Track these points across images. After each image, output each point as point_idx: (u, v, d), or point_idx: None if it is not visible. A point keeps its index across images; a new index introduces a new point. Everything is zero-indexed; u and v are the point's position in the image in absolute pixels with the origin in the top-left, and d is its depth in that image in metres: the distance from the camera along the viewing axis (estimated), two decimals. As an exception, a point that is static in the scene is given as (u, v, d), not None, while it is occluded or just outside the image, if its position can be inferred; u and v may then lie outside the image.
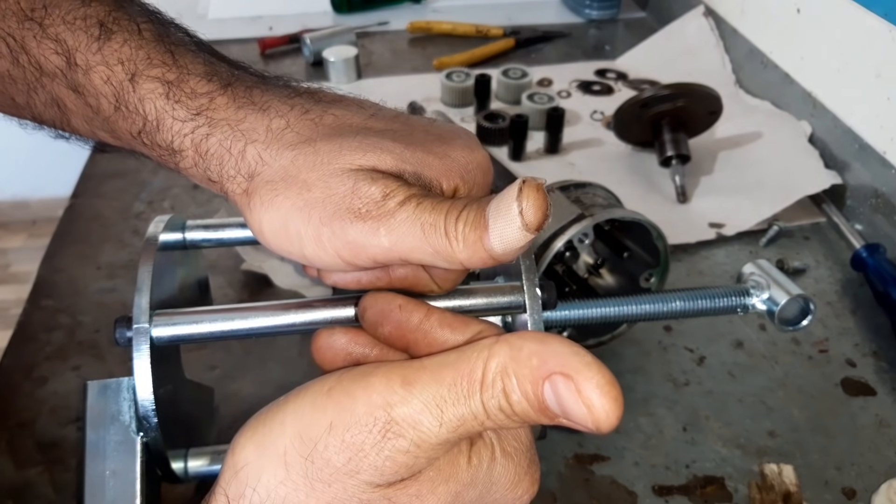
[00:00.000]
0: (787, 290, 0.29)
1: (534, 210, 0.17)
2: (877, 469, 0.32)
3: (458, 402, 0.17)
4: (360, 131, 0.21)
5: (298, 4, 0.77)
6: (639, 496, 0.31)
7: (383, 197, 0.19)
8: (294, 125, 0.20)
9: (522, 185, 0.18)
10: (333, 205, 0.19)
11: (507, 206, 0.18)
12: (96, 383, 0.24)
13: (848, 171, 0.48)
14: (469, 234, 0.18)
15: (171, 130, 0.21)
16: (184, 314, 0.24)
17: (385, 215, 0.19)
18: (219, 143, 0.20)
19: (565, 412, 0.16)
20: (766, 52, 0.58)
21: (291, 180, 0.20)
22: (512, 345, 0.17)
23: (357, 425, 0.17)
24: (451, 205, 0.19)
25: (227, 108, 0.21)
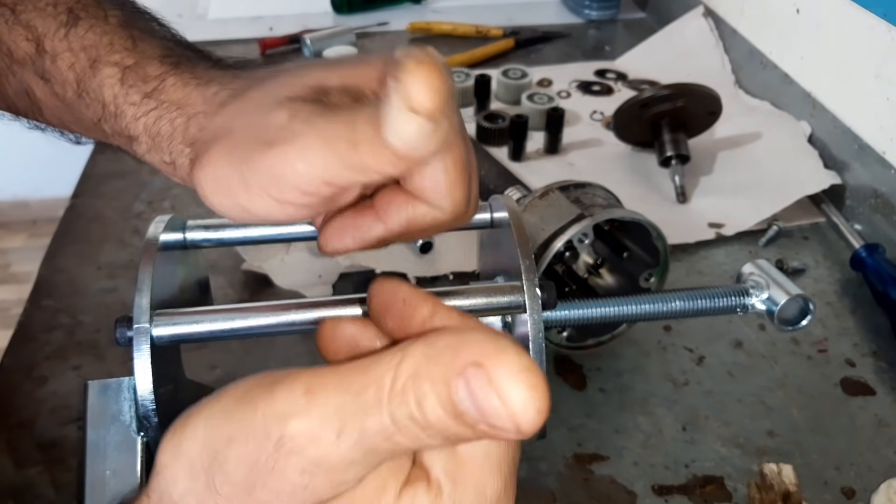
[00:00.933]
0: (786, 289, 0.29)
1: (419, 86, 0.14)
2: (876, 469, 0.32)
3: (362, 413, 0.14)
4: (288, 70, 0.20)
5: (299, 5, 0.77)
6: (638, 496, 0.31)
7: (289, 118, 0.17)
8: (228, 86, 0.20)
9: (405, 57, 0.14)
10: (249, 141, 0.18)
11: (393, 90, 0.14)
12: (97, 383, 0.24)
13: (847, 171, 0.48)
14: (367, 131, 0.16)
15: (125, 116, 0.21)
16: (184, 314, 0.24)
17: (292, 136, 0.17)
18: (168, 124, 0.20)
19: (481, 411, 0.13)
20: (765, 53, 0.58)
21: (221, 132, 0.19)
22: (428, 342, 0.14)
23: (253, 440, 0.14)
24: (355, 108, 0.17)
25: (175, 88, 0.20)
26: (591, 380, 0.36)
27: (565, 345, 0.36)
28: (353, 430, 0.14)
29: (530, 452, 0.33)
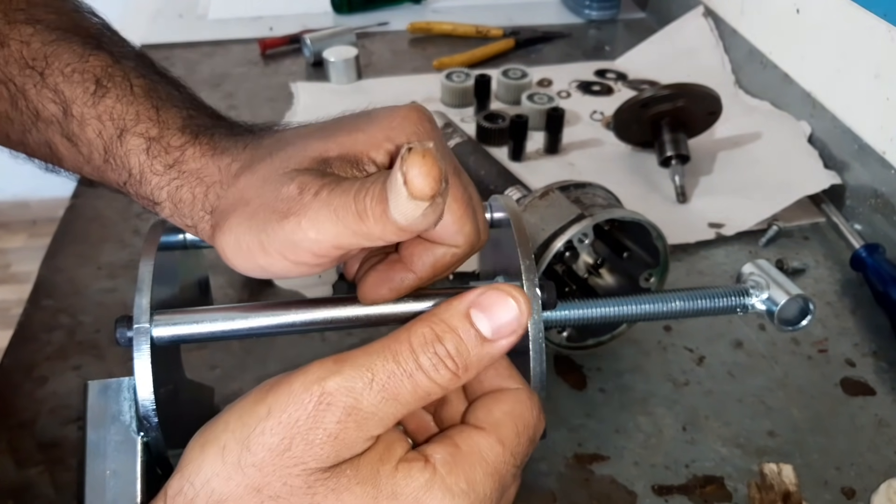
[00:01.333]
0: (786, 290, 0.29)
1: (420, 179, 0.17)
2: (876, 469, 0.32)
3: (388, 360, 0.18)
4: (291, 142, 0.22)
5: (299, 5, 0.77)
6: (638, 496, 0.31)
7: (300, 192, 0.20)
8: (239, 157, 0.22)
9: (406, 152, 0.17)
10: (265, 211, 0.20)
11: (395, 177, 0.17)
12: (97, 383, 0.25)
13: (847, 171, 0.48)
14: (375, 209, 0.18)
15: (150, 184, 0.23)
16: (184, 314, 0.24)
17: (303, 208, 0.20)
18: (189, 192, 0.22)
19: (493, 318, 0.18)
20: (765, 53, 0.58)
21: (238, 202, 0.21)
22: (430, 315, 0.19)
23: (293, 404, 0.18)
24: (360, 183, 0.19)
25: (194, 158, 0.22)
26: (592, 380, 0.36)
27: (565, 345, 0.36)
28: (382, 374, 0.18)
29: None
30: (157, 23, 0.75)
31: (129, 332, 0.24)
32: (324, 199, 0.19)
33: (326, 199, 0.19)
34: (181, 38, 0.72)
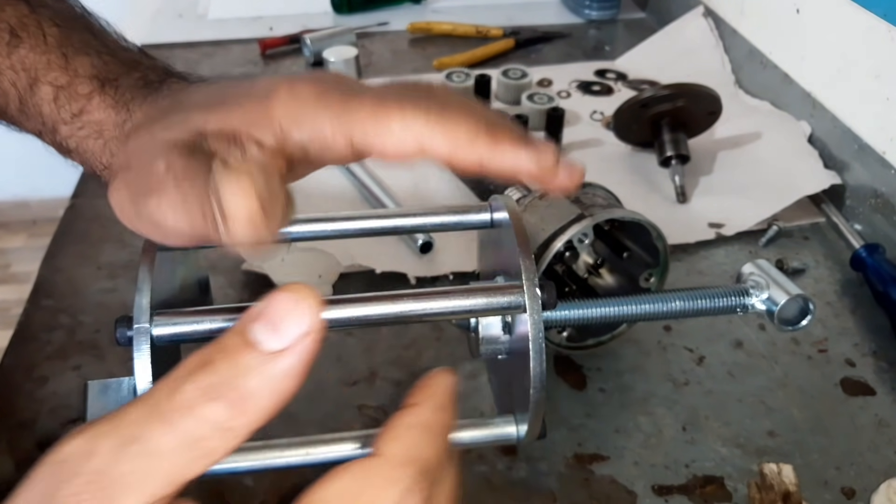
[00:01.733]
0: (786, 289, 0.29)
1: (232, 203, 0.16)
2: (876, 469, 0.32)
3: (140, 404, 0.15)
4: (178, 109, 0.21)
5: (299, 5, 0.77)
6: (638, 496, 0.31)
7: (165, 170, 0.18)
8: (133, 116, 0.22)
9: (217, 169, 0.16)
10: (137, 182, 0.19)
11: (210, 196, 0.16)
12: (97, 383, 0.25)
13: (847, 171, 0.48)
14: (208, 215, 0.17)
15: (60, 133, 0.23)
16: (184, 314, 0.24)
17: (164, 190, 0.18)
18: (92, 143, 0.22)
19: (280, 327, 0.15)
20: (765, 53, 0.58)
21: (123, 166, 0.21)
22: None
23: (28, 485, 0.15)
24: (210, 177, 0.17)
25: (100, 109, 0.22)
26: (592, 380, 0.36)
27: (565, 345, 0.36)
28: (129, 425, 0.14)
29: (530, 452, 0.33)
30: (157, 23, 0.75)
31: (129, 331, 0.23)
32: (181, 187, 0.18)
33: (183, 188, 0.18)
34: (181, 38, 0.72)
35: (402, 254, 0.44)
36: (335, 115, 0.19)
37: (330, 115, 0.19)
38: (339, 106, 0.19)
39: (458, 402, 0.38)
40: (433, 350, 0.38)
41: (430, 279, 0.42)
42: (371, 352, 0.38)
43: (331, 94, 0.20)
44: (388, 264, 0.42)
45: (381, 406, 0.35)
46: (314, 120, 0.19)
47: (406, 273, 0.42)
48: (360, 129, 0.19)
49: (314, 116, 0.20)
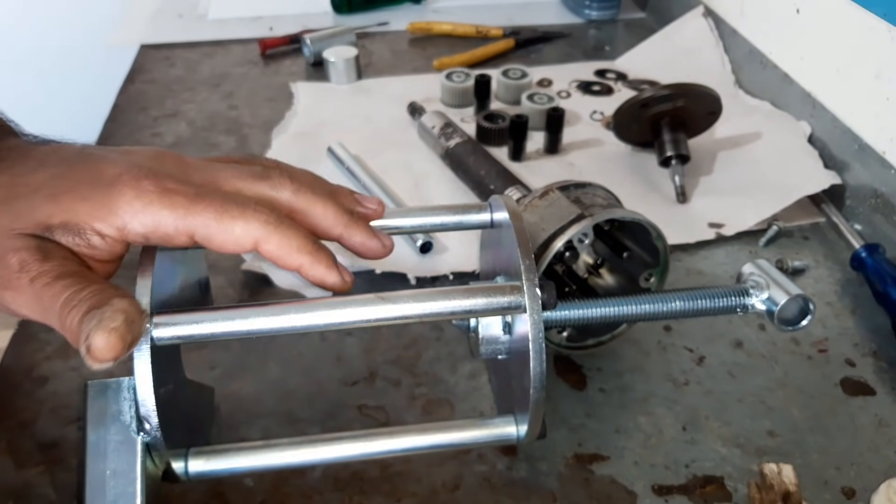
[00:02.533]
0: (786, 289, 0.29)
1: (94, 351, 0.19)
2: (876, 469, 0.32)
3: None
4: (20, 193, 0.22)
5: (299, 5, 0.77)
6: (638, 496, 0.31)
7: (19, 269, 0.21)
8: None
9: (88, 322, 0.19)
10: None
11: (83, 333, 0.19)
12: (97, 383, 0.25)
13: (847, 171, 0.48)
14: (70, 329, 0.20)
15: None
16: (184, 314, 0.24)
17: (19, 289, 0.21)
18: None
19: None
20: (765, 53, 0.58)
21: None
22: None
23: None
24: (70, 294, 0.20)
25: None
26: (592, 380, 0.36)
27: (565, 345, 0.36)
28: None
29: (531, 452, 0.33)
30: (158, 23, 0.75)
31: None
32: (37, 290, 0.21)
33: (39, 291, 0.21)
34: (181, 39, 0.72)
35: (402, 254, 0.44)
36: (180, 216, 0.22)
37: (174, 216, 0.22)
38: (183, 209, 0.22)
39: (458, 403, 0.38)
40: (433, 350, 0.38)
41: (431, 279, 0.42)
42: (371, 352, 0.38)
43: (175, 196, 0.22)
44: (388, 264, 0.42)
45: (381, 406, 0.35)
46: (157, 218, 0.22)
47: (406, 273, 0.42)
48: (204, 230, 0.22)
49: (158, 215, 0.22)
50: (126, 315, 0.20)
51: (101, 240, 0.22)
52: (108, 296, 0.20)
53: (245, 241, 0.22)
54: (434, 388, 0.36)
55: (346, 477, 0.31)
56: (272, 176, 0.24)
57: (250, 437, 0.33)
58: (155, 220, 0.22)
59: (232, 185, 0.24)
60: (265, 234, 0.22)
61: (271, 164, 0.25)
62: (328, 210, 0.24)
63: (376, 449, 0.27)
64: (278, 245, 0.22)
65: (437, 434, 0.28)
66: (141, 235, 0.22)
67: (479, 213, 0.29)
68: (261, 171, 0.24)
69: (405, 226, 0.29)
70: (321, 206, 0.24)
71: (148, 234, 0.22)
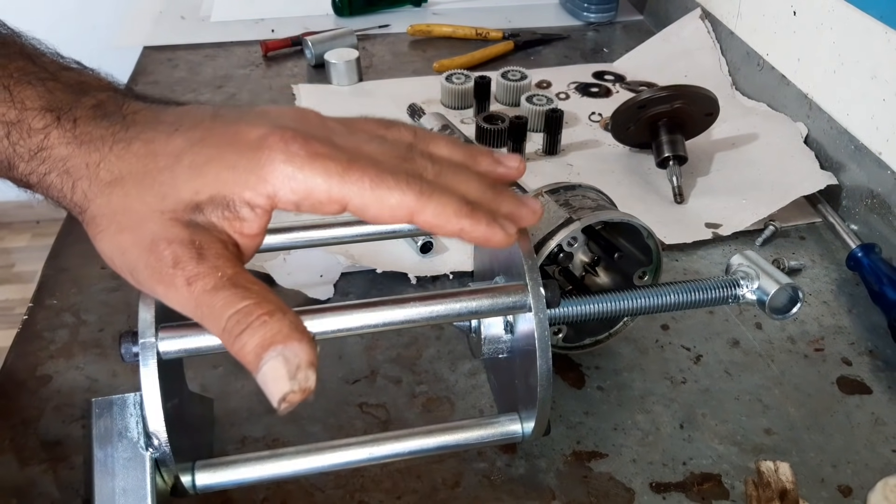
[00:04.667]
0: (776, 279, 0.30)
1: (287, 406, 0.19)
2: (872, 467, 0.32)
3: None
4: (161, 165, 0.21)
5: (300, 7, 0.78)
6: (636, 493, 0.31)
7: (173, 265, 0.20)
8: (106, 159, 0.22)
9: (294, 372, 0.19)
10: (138, 255, 0.21)
11: (272, 380, 0.19)
12: (101, 400, 0.24)
13: (843, 171, 0.48)
14: (244, 354, 0.19)
15: (18, 169, 0.22)
16: (190, 327, 0.24)
17: (176, 287, 0.20)
18: (56, 179, 0.22)
19: None
20: (762, 55, 0.58)
21: (109, 220, 0.21)
22: None
23: None
24: (235, 313, 0.20)
25: (59, 144, 0.22)
26: (590, 378, 0.37)
27: (562, 345, 0.37)
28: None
29: (529, 450, 0.33)
30: (160, 25, 0.76)
31: (135, 347, 0.23)
32: (195, 295, 0.20)
33: (198, 297, 0.20)
34: (184, 41, 0.72)
35: (403, 253, 0.44)
36: (334, 183, 0.20)
37: (328, 183, 0.20)
38: (337, 175, 0.20)
39: (458, 400, 0.38)
40: (433, 349, 0.38)
41: (431, 279, 0.43)
42: (372, 350, 0.38)
43: (327, 161, 0.21)
44: (389, 264, 0.43)
45: (382, 404, 0.35)
46: (310, 184, 0.20)
47: (407, 273, 0.42)
48: (359, 200, 0.21)
49: (311, 181, 0.20)
50: (315, 369, 0.19)
51: (250, 211, 0.21)
52: (280, 329, 0.19)
53: (400, 212, 0.21)
54: (434, 385, 0.36)
55: (347, 474, 0.31)
56: (415, 159, 0.22)
57: (252, 436, 0.33)
58: (308, 186, 0.20)
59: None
60: (420, 205, 0.21)
61: (408, 137, 0.23)
62: (471, 189, 0.22)
63: (383, 453, 0.27)
64: (435, 214, 0.21)
65: (442, 435, 0.28)
66: (292, 203, 0.21)
67: None
68: (405, 152, 0.22)
69: (403, 229, 0.29)
70: (464, 187, 0.22)
71: (299, 202, 0.21)
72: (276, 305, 0.20)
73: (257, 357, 0.19)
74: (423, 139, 0.24)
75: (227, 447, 0.33)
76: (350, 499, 0.31)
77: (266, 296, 0.20)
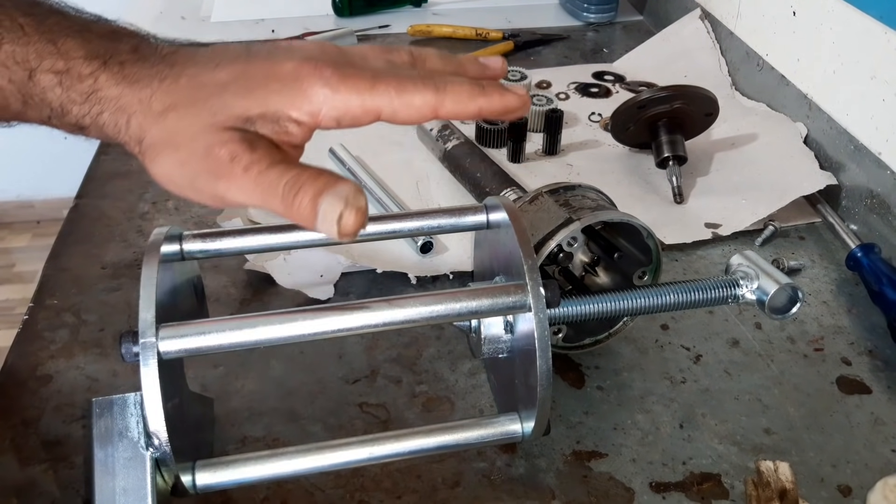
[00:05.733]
0: (775, 279, 0.30)
1: (347, 227, 0.21)
2: (872, 466, 0.32)
3: None
4: (210, 92, 0.24)
5: (300, 7, 0.78)
6: (636, 493, 0.31)
7: (230, 160, 0.22)
8: (157, 94, 0.24)
9: (346, 199, 0.21)
10: (196, 164, 0.23)
11: (330, 212, 0.21)
12: (101, 400, 0.24)
13: (843, 171, 0.48)
14: (301, 209, 0.22)
15: (72, 113, 0.24)
16: (190, 326, 0.24)
17: (234, 178, 0.22)
18: (110, 117, 0.24)
19: None
20: (761, 55, 0.58)
21: (165, 143, 0.24)
22: None
23: None
24: (291, 178, 0.22)
25: (109, 85, 0.24)
26: (590, 378, 0.37)
27: (562, 345, 0.37)
28: None
29: (529, 449, 0.33)
30: (160, 25, 0.76)
31: (136, 347, 0.23)
32: (253, 177, 0.22)
33: (255, 178, 0.22)
34: (184, 41, 0.72)
35: (403, 253, 0.44)
36: (366, 98, 0.23)
37: (361, 98, 0.23)
38: (367, 91, 0.23)
39: (458, 400, 0.38)
40: (433, 348, 0.38)
41: (431, 279, 0.43)
42: (372, 350, 0.38)
43: (356, 80, 0.23)
44: (389, 264, 0.43)
45: (383, 404, 0.35)
46: (347, 102, 0.23)
47: (407, 273, 0.42)
48: (389, 107, 0.23)
49: (347, 99, 0.23)
50: (364, 196, 0.22)
51: (297, 126, 0.23)
52: (329, 179, 0.22)
53: (425, 109, 0.24)
54: (434, 385, 0.36)
55: (348, 473, 0.32)
56: (418, 69, 0.25)
57: (253, 435, 0.33)
58: (345, 103, 0.23)
59: None
60: (440, 98, 0.24)
61: (408, 56, 0.26)
62: (474, 90, 0.25)
63: (382, 453, 0.27)
64: (454, 101, 0.24)
65: (442, 435, 0.28)
66: (333, 119, 0.23)
67: (474, 215, 0.30)
68: (410, 67, 0.26)
69: (403, 229, 0.29)
70: (468, 87, 0.25)
71: (339, 118, 0.23)
72: (323, 170, 0.22)
73: (314, 206, 0.21)
74: (420, 56, 0.26)
75: (228, 447, 0.33)
76: (350, 499, 0.31)
77: (313, 167, 0.23)
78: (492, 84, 0.25)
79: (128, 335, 0.24)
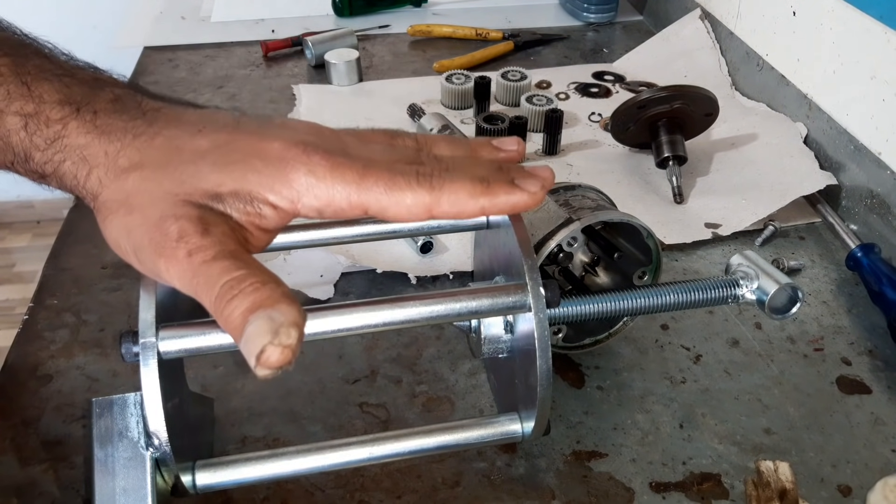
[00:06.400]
0: (775, 279, 0.30)
1: (267, 362, 0.19)
2: (872, 466, 0.32)
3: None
4: (184, 159, 0.22)
5: (300, 8, 0.78)
6: (636, 492, 0.31)
7: (177, 239, 0.21)
8: (126, 149, 0.22)
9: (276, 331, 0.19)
10: (143, 233, 0.21)
11: (254, 338, 0.19)
12: (101, 400, 0.24)
13: (843, 171, 0.49)
14: (231, 320, 0.20)
15: (34, 160, 0.23)
16: (190, 327, 0.24)
17: (175, 259, 0.21)
18: (71, 167, 0.22)
19: None
20: (761, 55, 0.58)
21: (120, 204, 0.22)
22: None
23: None
24: (230, 281, 0.20)
25: (78, 134, 0.22)
26: (590, 378, 0.37)
27: (562, 345, 0.37)
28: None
29: (529, 449, 0.33)
30: (160, 25, 0.76)
31: (136, 347, 0.23)
32: (194, 265, 0.20)
33: (196, 267, 0.20)
34: (184, 41, 0.72)
35: (403, 253, 0.44)
36: (353, 191, 0.22)
37: (347, 191, 0.22)
38: (355, 184, 0.22)
39: (458, 400, 0.38)
40: (434, 348, 0.38)
41: (431, 279, 0.43)
42: (372, 350, 0.38)
43: (345, 170, 0.22)
44: (389, 264, 0.43)
45: (383, 404, 0.35)
46: (331, 193, 0.22)
47: (407, 273, 0.42)
48: (377, 204, 0.22)
49: (332, 189, 0.22)
50: (299, 330, 0.19)
51: (272, 211, 0.22)
52: (271, 294, 0.20)
53: (417, 210, 0.22)
54: (434, 385, 0.36)
55: (348, 473, 0.32)
56: (422, 160, 0.24)
57: (253, 435, 0.33)
58: (329, 194, 0.22)
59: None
60: (435, 198, 0.22)
61: (413, 143, 0.25)
62: (479, 172, 0.23)
63: (382, 453, 0.27)
64: (451, 203, 0.22)
65: (442, 435, 0.28)
66: (314, 209, 0.22)
67: None
68: (413, 156, 0.24)
69: (403, 229, 0.29)
70: (472, 171, 0.23)
71: (321, 209, 0.22)
72: (271, 277, 0.21)
73: (244, 321, 0.19)
74: (427, 143, 0.25)
75: (228, 447, 0.33)
76: (350, 498, 0.31)
77: (263, 269, 0.21)
78: (500, 180, 0.23)
79: (128, 335, 0.24)
